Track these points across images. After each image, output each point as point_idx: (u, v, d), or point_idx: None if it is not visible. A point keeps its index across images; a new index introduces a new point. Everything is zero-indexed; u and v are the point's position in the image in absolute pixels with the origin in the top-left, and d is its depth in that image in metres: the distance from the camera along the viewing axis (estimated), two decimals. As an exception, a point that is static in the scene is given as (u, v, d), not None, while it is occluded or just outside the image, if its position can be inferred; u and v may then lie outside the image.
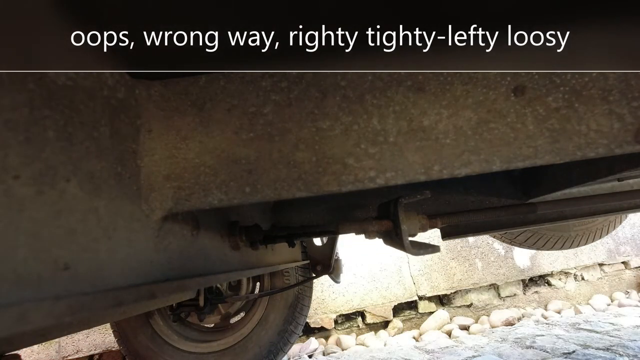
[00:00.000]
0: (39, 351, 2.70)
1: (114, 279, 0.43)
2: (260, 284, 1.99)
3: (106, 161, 0.44)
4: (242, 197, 0.52)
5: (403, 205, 0.68)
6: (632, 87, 0.51)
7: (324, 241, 1.80)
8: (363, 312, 2.98)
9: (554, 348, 2.04)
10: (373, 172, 0.53)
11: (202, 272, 0.66)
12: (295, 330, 1.90)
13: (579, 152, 0.51)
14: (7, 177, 0.32)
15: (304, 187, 0.52)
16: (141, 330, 1.89)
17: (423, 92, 0.54)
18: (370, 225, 0.77)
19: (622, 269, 3.37)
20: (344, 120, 0.54)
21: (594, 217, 1.37)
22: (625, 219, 2.24)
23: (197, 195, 0.52)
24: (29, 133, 0.34)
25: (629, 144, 0.51)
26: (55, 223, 0.36)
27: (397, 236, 0.69)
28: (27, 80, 0.35)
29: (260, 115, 0.54)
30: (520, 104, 0.53)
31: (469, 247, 3.15)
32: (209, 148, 0.53)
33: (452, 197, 1.16)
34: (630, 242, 3.37)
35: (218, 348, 1.89)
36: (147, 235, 0.51)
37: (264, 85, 0.54)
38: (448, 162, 0.52)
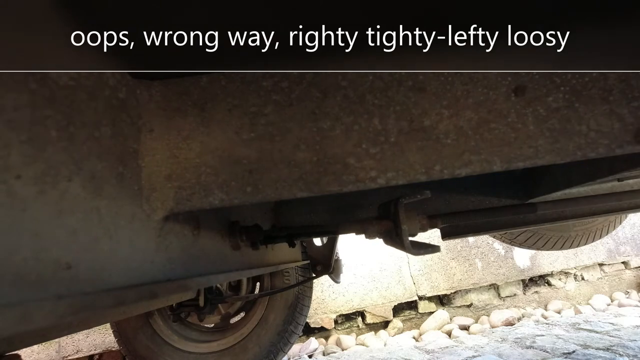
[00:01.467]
0: (39, 351, 2.70)
1: (115, 279, 0.43)
2: (260, 284, 1.99)
3: (107, 161, 0.44)
4: (243, 197, 0.52)
5: (403, 205, 0.68)
6: (632, 87, 0.52)
7: (324, 241, 1.80)
8: (363, 312, 2.98)
9: (554, 348, 2.04)
10: (374, 172, 0.53)
11: (203, 272, 0.66)
12: (295, 330, 1.90)
13: (580, 152, 0.52)
14: (9, 177, 0.32)
15: (305, 187, 0.52)
16: (141, 330, 1.89)
17: (424, 92, 0.54)
18: (370, 226, 0.77)
19: (622, 269, 3.37)
20: (345, 120, 0.54)
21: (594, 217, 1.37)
22: (625, 219, 2.24)
23: (198, 195, 0.52)
24: (31, 133, 0.34)
25: (629, 144, 0.51)
26: (57, 223, 0.36)
27: (397, 236, 0.69)
28: (28, 80, 0.35)
29: (261, 115, 0.54)
30: (521, 104, 0.53)
31: (469, 247, 3.15)
32: (210, 148, 0.53)
33: (452, 197, 1.16)
34: (630, 242, 3.37)
35: (218, 348, 1.89)
36: (148, 235, 0.51)
37: (264, 85, 0.54)
38: (449, 162, 0.52)
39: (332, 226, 0.84)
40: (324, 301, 2.94)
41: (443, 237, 1.48)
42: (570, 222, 1.45)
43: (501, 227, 1.39)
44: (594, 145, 0.51)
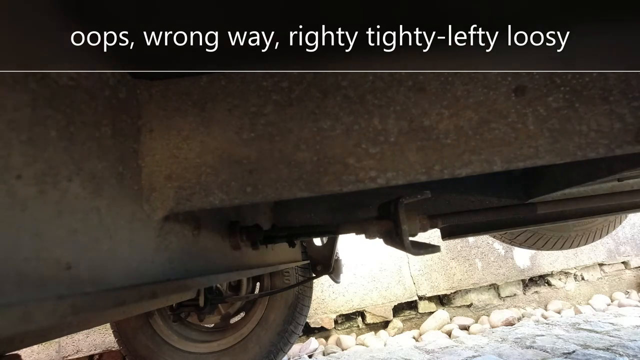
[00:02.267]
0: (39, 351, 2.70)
1: (116, 279, 0.43)
2: (260, 284, 1.99)
3: (108, 161, 0.44)
4: (243, 197, 0.52)
5: (403, 205, 0.68)
6: (632, 87, 0.52)
7: (324, 241, 1.81)
8: (363, 312, 2.98)
9: (554, 348, 2.04)
10: (374, 172, 0.53)
11: (203, 271, 0.66)
12: (295, 330, 1.90)
13: (580, 152, 0.52)
14: (10, 177, 0.32)
15: (305, 187, 0.52)
16: (141, 330, 1.89)
17: (424, 92, 0.54)
18: (370, 225, 0.77)
19: (622, 269, 3.37)
20: (345, 120, 0.54)
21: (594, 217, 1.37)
22: (625, 219, 2.25)
23: (198, 195, 0.52)
24: (31, 133, 0.34)
25: (629, 144, 0.51)
26: (58, 223, 0.36)
27: (397, 236, 0.69)
28: (29, 81, 0.35)
29: (261, 115, 0.54)
30: (521, 104, 0.53)
31: (469, 247, 3.15)
32: (210, 148, 0.53)
33: (452, 197, 1.16)
34: (630, 242, 3.37)
35: (218, 348, 1.89)
36: (149, 235, 0.51)
37: (264, 85, 0.54)
38: (449, 162, 0.52)
39: (332, 226, 0.84)
40: (324, 301, 2.94)
41: (443, 237, 1.48)
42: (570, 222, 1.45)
43: (501, 227, 1.39)
44: (594, 145, 0.51)
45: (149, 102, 0.54)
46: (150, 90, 0.54)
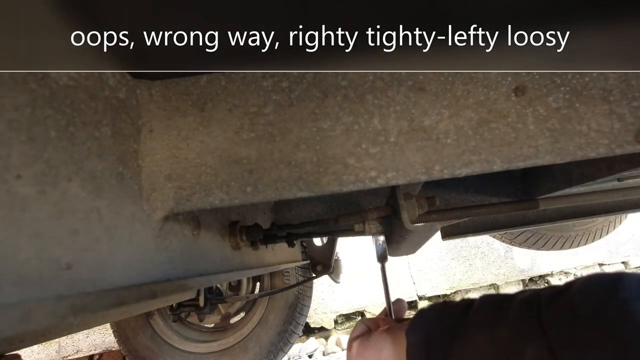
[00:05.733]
0: (39, 351, 2.70)
1: (116, 279, 0.43)
2: (260, 284, 1.99)
3: (107, 161, 0.44)
4: (243, 197, 0.52)
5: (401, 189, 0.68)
6: (633, 87, 0.52)
7: (324, 241, 1.81)
8: (363, 312, 2.98)
9: (554, 348, 2.04)
10: (374, 172, 0.53)
11: (203, 271, 0.66)
12: (295, 330, 1.90)
13: (580, 152, 0.52)
14: (10, 177, 0.32)
15: (305, 187, 0.52)
16: (141, 330, 1.89)
17: (424, 92, 0.54)
18: (369, 213, 0.77)
19: (622, 269, 3.37)
20: (345, 120, 0.54)
21: (594, 217, 1.37)
22: (625, 219, 2.25)
23: (198, 195, 0.52)
24: (31, 133, 0.34)
25: (629, 144, 0.51)
26: (57, 223, 0.36)
27: (396, 218, 0.69)
28: (28, 80, 0.35)
29: (261, 115, 0.54)
30: (521, 104, 0.53)
31: (469, 247, 3.15)
32: (210, 148, 0.53)
33: (452, 197, 1.16)
34: (630, 242, 3.37)
35: (218, 348, 1.89)
36: (149, 235, 0.51)
37: (265, 85, 0.54)
38: (449, 162, 0.52)
39: (332, 219, 0.83)
40: (324, 301, 2.94)
41: (443, 237, 1.49)
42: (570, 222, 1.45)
43: (502, 226, 1.39)
44: (594, 145, 0.51)
45: (149, 102, 0.54)
46: (150, 90, 0.54)
